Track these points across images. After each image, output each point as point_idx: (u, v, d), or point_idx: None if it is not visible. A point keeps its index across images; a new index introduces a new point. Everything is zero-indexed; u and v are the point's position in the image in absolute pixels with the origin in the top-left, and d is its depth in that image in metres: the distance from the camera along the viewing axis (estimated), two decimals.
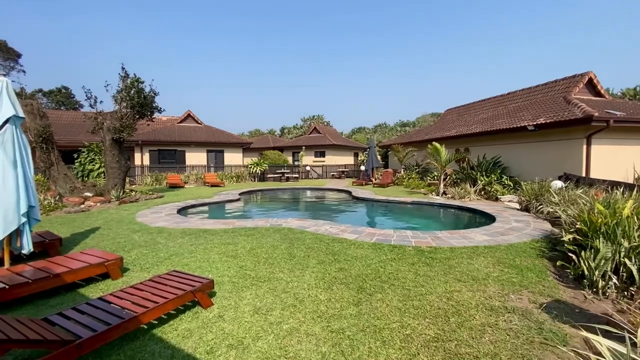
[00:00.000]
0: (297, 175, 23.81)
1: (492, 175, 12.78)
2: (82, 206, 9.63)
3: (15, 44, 37.99)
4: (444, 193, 12.95)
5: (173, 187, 17.29)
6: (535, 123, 11.96)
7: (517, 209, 9.56)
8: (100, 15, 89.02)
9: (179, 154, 23.49)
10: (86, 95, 11.31)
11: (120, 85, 11.30)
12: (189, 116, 26.48)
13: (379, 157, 23.41)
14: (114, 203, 10.49)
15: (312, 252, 5.16)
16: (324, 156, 30.11)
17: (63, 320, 2.71)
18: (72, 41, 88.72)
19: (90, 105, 11.45)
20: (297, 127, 60.46)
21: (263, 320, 3.17)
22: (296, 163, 29.45)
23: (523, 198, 9.85)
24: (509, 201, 11.28)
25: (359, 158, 35.42)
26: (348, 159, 32.00)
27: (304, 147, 28.51)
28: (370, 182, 19.33)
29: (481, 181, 12.75)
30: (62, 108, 38.05)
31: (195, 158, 23.88)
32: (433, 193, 13.52)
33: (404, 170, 19.67)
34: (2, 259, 4.30)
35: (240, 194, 14.07)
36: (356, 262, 4.72)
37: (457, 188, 12.61)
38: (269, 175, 22.98)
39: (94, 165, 14.82)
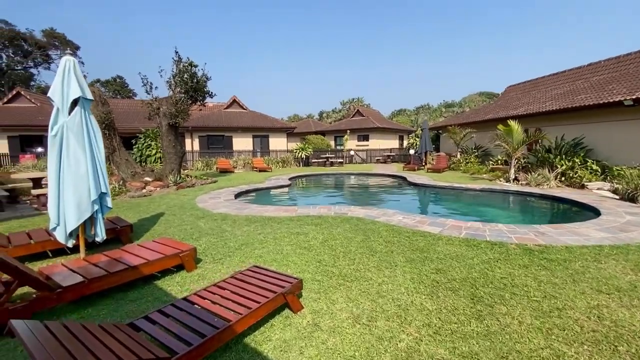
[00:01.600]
0: (341, 160, 23.14)
1: (575, 159, 11.09)
2: (144, 191, 9.86)
3: (73, 37, 41.00)
4: (516, 179, 11.54)
5: (223, 172, 17.52)
6: (634, 97, 10.05)
7: (616, 199, 8.09)
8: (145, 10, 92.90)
9: (227, 140, 23.85)
10: (142, 82, 11.45)
11: (174, 69, 11.27)
12: (234, 102, 26.71)
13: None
14: (172, 188, 10.65)
15: (394, 247, 4.53)
16: (367, 140, 28.99)
17: (149, 327, 2.38)
18: (124, 33, 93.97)
19: (147, 92, 11.60)
20: (336, 111, 59.26)
21: (368, 332, 2.63)
22: (339, 147, 28.72)
23: (623, 186, 8.33)
24: (598, 189, 9.70)
25: (406, 141, 33.79)
26: (393, 143, 30.55)
27: (348, 131, 27.60)
28: (423, 167, 18.10)
29: (560, 166, 11.14)
30: (117, 97, 40.56)
31: (242, 143, 24.11)
32: (501, 179, 12.14)
33: (460, 154, 18.12)
34: (77, 247, 4.21)
35: (290, 179, 13.77)
36: (453, 261, 4.01)
37: (532, 174, 11.14)
38: (313, 160, 22.57)
39: (150, 150, 15.36)
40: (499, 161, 15.58)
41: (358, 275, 3.70)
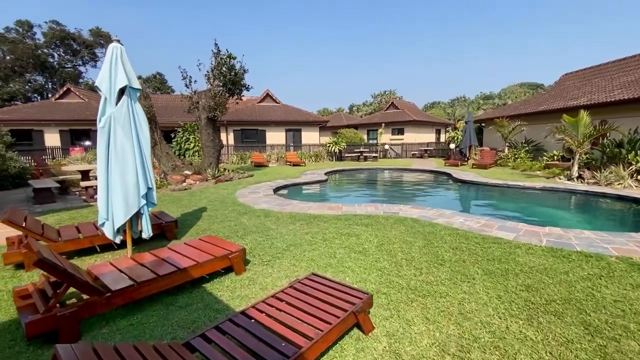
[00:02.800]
0: (376, 155, 22.36)
1: None
2: (184, 184, 9.88)
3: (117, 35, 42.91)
4: (580, 177, 10.30)
5: (258, 166, 17.48)
6: None
7: None
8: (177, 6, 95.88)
9: (260, 134, 23.88)
10: (182, 75, 11.49)
11: (212, 62, 11.17)
12: (267, 96, 26.67)
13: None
14: (210, 181, 10.62)
15: (465, 256, 3.95)
16: (402, 133, 27.84)
17: (206, 347, 2.03)
18: (161, 30, 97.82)
19: (186, 85, 11.63)
20: (367, 104, 57.95)
21: None
22: (372, 141, 27.86)
23: None
24: None
25: (444, 135, 32.18)
26: (429, 137, 29.13)
27: (383, 125, 26.62)
28: (466, 162, 16.95)
29: (635, 162, 9.77)
30: (157, 92, 42.22)
31: (275, 137, 24.04)
32: (560, 177, 10.92)
33: (508, 149, 16.74)
34: (125, 242, 4.05)
35: (326, 174, 13.37)
36: (543, 276, 3.37)
37: (602, 171, 9.87)
38: (346, 155, 21.99)
39: (189, 144, 15.59)
40: (555, 157, 14.15)
41: (430, 289, 3.19)
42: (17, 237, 4.08)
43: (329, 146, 21.32)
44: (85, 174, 8.89)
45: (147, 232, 4.13)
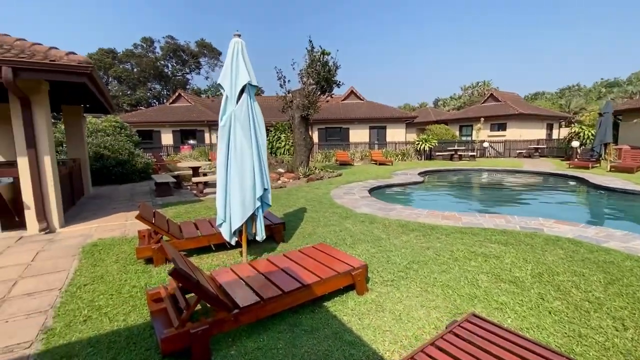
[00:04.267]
0: (473, 153, 19.91)
1: None
2: (279, 182, 10.02)
3: (216, 44, 48.03)
4: None
5: (342, 164, 17.17)
6: None
7: None
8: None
9: (344, 131, 23.62)
10: (277, 75, 11.72)
11: (306, 59, 11.09)
12: (351, 93, 26.24)
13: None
14: (302, 180, 10.59)
15: None
16: (504, 129, 24.31)
17: None
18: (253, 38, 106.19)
19: (280, 85, 11.86)
20: (454, 97, 53.02)
21: None
22: (465, 138, 25.07)
23: None
24: None
25: (559, 130, 27.25)
26: (538, 132, 24.79)
27: (482, 119, 23.61)
28: (597, 164, 13.71)
29: None
30: None
31: (358, 135, 23.48)
32: None
33: None
34: (238, 243, 3.91)
35: (420, 175, 12.22)
36: None
37: None
38: (437, 153, 20.12)
39: (280, 143, 16.11)
40: None
41: None
42: (146, 230, 4.31)
43: (418, 144, 19.79)
44: (195, 170, 9.67)
45: (260, 234, 3.94)
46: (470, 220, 5.34)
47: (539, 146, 21.18)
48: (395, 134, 23.69)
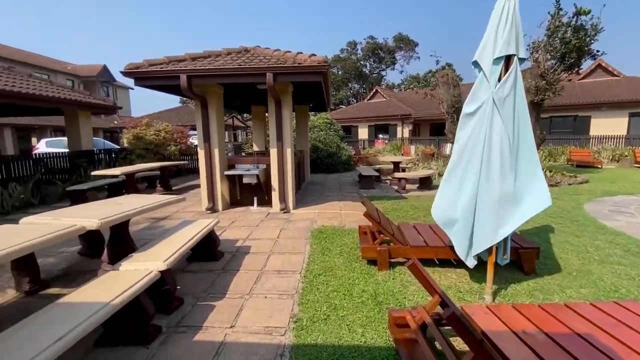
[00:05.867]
0: None
1: None
2: None
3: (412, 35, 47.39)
4: None
5: (581, 166, 12.67)
6: None
7: None
8: None
9: (580, 121, 17.62)
10: None
11: (549, 24, 8.43)
12: (598, 67, 19.16)
13: None
14: None
15: None
16: None
17: None
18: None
19: None
20: None
21: None
22: None
23: None
24: None
25: None
26: None
27: None
28: None
29: None
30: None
31: (604, 125, 16.89)
32: None
33: None
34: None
35: None
36: None
37: None
38: None
39: None
40: None
41: None
42: (367, 227, 4.15)
43: None
44: (396, 165, 9.43)
45: (504, 257, 2.93)
46: None
47: None
48: None
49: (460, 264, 3.52)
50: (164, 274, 2.60)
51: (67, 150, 9.68)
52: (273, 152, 6.22)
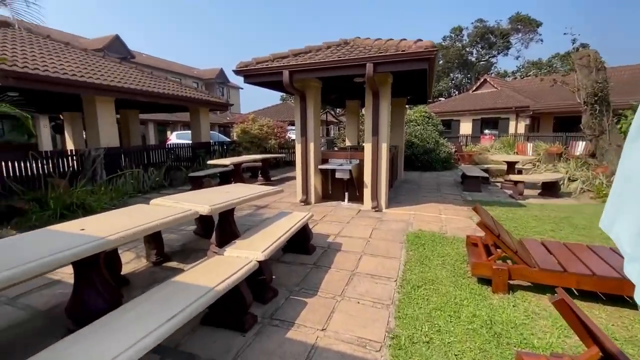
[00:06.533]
0: None
1: None
2: None
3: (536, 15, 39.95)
4: None
5: None
6: None
7: None
8: None
9: None
10: None
11: None
12: None
13: None
14: None
15: None
16: None
17: None
18: None
19: None
20: None
21: None
22: None
23: None
24: None
25: None
26: None
27: None
28: None
29: None
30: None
31: None
32: None
33: None
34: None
35: None
36: None
37: None
38: None
39: None
40: None
41: None
42: (478, 238, 3.54)
43: None
44: (511, 166, 8.05)
45: None
46: None
47: None
48: None
49: (611, 299, 2.68)
50: (262, 264, 2.64)
51: (190, 142, 11.37)
52: (367, 147, 5.96)
